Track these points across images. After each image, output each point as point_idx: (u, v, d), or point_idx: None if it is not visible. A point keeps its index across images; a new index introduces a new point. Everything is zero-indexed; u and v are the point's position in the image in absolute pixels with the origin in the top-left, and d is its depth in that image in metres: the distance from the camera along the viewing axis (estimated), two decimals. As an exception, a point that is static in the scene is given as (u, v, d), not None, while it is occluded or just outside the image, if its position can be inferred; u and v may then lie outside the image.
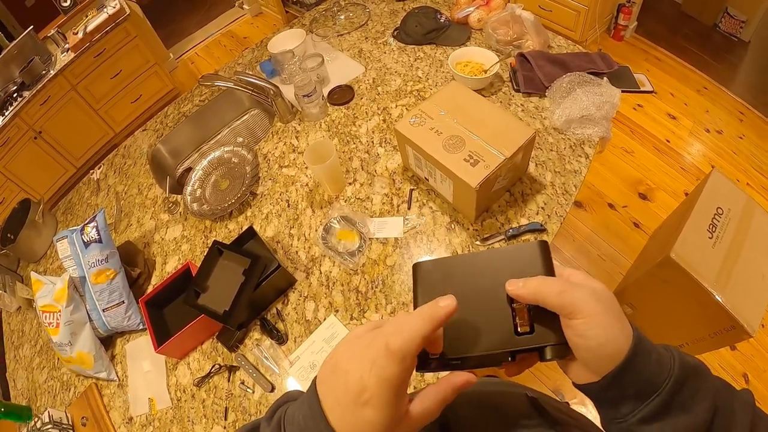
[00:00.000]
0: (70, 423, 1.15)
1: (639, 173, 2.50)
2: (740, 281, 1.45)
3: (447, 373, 0.39)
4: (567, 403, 0.46)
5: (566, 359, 0.39)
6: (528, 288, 0.38)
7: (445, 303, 0.36)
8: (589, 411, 1.67)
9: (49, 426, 1.10)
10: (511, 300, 0.40)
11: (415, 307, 0.41)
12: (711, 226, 1.55)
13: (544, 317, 0.38)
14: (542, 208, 1.11)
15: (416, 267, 0.44)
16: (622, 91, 1.37)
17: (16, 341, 1.42)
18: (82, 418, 1.14)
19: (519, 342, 0.39)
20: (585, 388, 0.39)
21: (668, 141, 2.62)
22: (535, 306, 0.38)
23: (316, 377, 0.38)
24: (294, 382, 1.00)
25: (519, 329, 0.39)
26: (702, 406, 0.35)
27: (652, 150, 2.60)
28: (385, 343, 0.34)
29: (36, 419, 1.13)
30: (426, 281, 0.43)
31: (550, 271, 0.40)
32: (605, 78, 1.32)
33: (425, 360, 0.39)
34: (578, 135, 1.26)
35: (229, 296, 1.02)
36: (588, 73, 1.33)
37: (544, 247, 0.41)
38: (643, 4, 3.06)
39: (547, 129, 1.27)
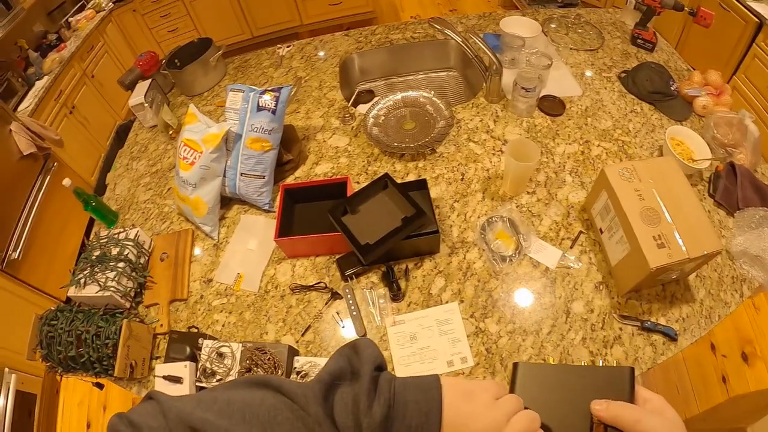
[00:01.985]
0: (150, 251, 1.17)
1: (753, 333, 2.35)
2: None
3: None
4: None
5: None
6: (609, 412, 0.42)
7: None
8: None
9: (130, 244, 1.12)
10: (591, 416, 0.44)
11: None
12: None
13: None
14: (684, 318, 1.07)
15: (516, 366, 0.50)
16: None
17: (137, 153, 1.47)
18: (163, 253, 1.16)
19: None
20: None
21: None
22: (612, 426, 0.42)
23: (439, 379, 0.44)
24: (386, 342, 1.00)
25: None
26: None
27: None
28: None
29: (121, 230, 1.15)
30: (523, 381, 0.49)
31: (630, 395, 0.45)
32: None
33: None
34: (744, 271, 1.18)
35: (377, 232, 1.01)
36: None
37: (631, 374, 0.46)
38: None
39: (722, 249, 1.21)
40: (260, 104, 1.18)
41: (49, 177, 2.23)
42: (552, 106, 1.38)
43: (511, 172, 1.13)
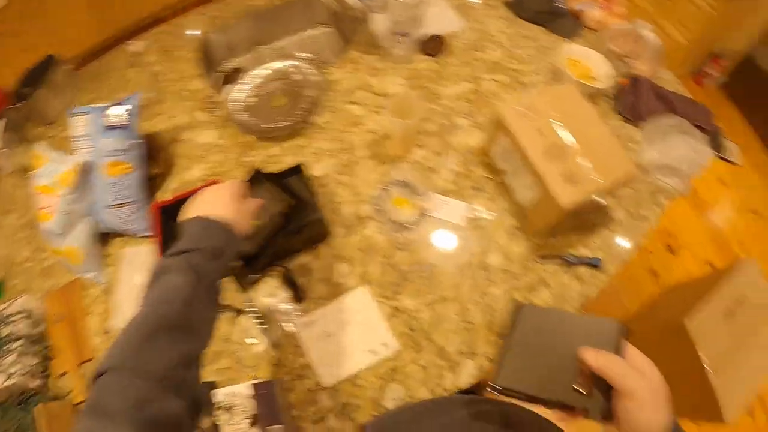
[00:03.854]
0: (44, 316, 1.02)
1: (673, 226, 2.45)
2: (736, 371, 1.51)
3: None
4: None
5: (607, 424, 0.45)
6: (599, 361, 0.44)
7: None
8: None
9: (19, 316, 0.98)
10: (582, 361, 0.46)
11: (504, 342, 0.52)
12: (729, 311, 1.59)
13: (602, 385, 0.44)
14: (607, 245, 1.02)
15: (521, 306, 0.54)
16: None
17: (5, 207, 1.26)
18: (57, 314, 1.01)
19: (573, 399, 0.45)
20: None
21: (712, 207, 2.54)
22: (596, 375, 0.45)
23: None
24: (302, 347, 0.88)
25: (577, 387, 0.45)
26: None
27: (692, 208, 2.53)
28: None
29: (6, 304, 1.00)
30: (524, 325, 0.52)
31: (620, 349, 0.46)
32: (703, 135, 1.22)
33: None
34: (659, 182, 1.17)
35: (258, 236, 0.89)
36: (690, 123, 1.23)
37: (624, 330, 0.48)
38: (741, 65, 2.92)
39: (631, 163, 1.16)
40: (108, 123, 1.02)
41: None
42: (433, 45, 1.25)
43: (395, 129, 1.00)
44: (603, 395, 0.44)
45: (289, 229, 0.90)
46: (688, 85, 3.05)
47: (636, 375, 0.43)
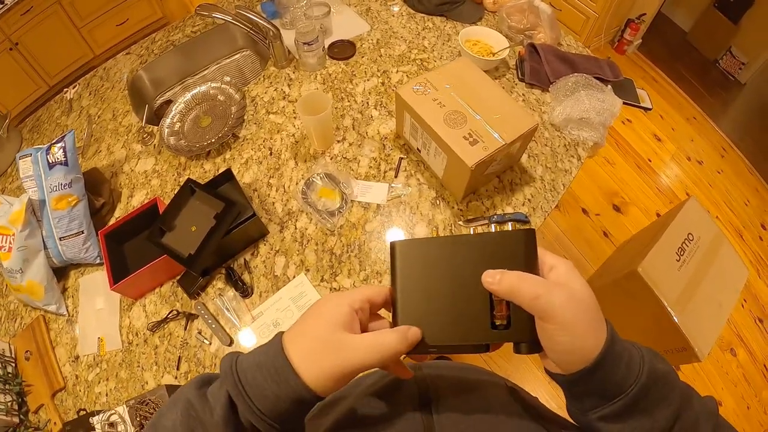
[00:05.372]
0: (13, 356, 1.08)
1: (616, 185, 2.55)
2: (698, 307, 1.51)
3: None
4: (536, 398, 0.49)
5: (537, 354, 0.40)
6: (503, 285, 0.37)
7: (413, 333, 0.39)
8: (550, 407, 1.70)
9: None
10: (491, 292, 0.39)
11: (392, 289, 0.43)
12: (680, 250, 1.60)
13: (521, 312, 0.37)
14: (529, 200, 1.10)
15: (395, 246, 0.43)
16: (623, 103, 1.37)
17: None
18: (26, 352, 1.07)
19: (494, 336, 0.39)
20: (554, 377, 0.39)
21: (650, 160, 2.68)
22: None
23: (282, 337, 0.40)
24: (253, 338, 0.96)
25: (496, 322, 0.39)
26: (664, 413, 0.35)
27: (632, 166, 2.65)
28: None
29: None
30: (405, 263, 0.42)
31: (532, 263, 0.39)
32: (609, 86, 1.32)
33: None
34: (574, 136, 1.25)
35: (197, 239, 0.96)
36: (594, 77, 1.32)
37: (530, 237, 0.39)
38: (651, 25, 3.08)
39: (544, 124, 1.26)
40: (50, 161, 1.09)
41: None
42: (342, 49, 1.36)
43: (311, 127, 1.10)
44: (525, 324, 0.37)
45: (226, 229, 0.97)
46: (610, 53, 3.21)
47: (553, 291, 0.35)
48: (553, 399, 1.75)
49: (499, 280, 0.37)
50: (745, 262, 1.68)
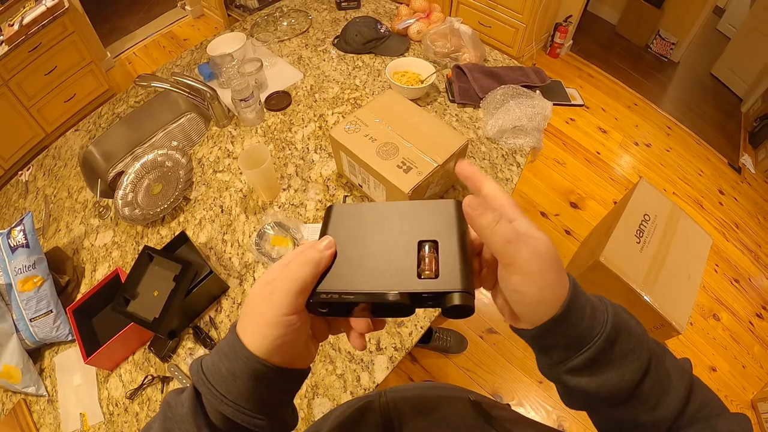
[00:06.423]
0: None
1: (570, 183, 2.63)
2: (667, 282, 1.55)
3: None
4: (508, 404, 0.49)
5: (503, 303, 0.39)
6: (486, 217, 0.36)
7: (325, 245, 0.38)
8: (527, 412, 1.74)
9: None
10: (419, 248, 0.38)
11: None
12: (638, 232, 1.66)
13: (451, 265, 0.37)
14: None
15: (330, 208, 0.44)
16: (554, 104, 1.45)
17: None
18: None
19: (420, 284, 0.36)
20: (518, 332, 0.39)
21: (599, 153, 2.78)
22: (443, 256, 0.37)
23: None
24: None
25: (422, 275, 0.37)
26: (633, 365, 0.36)
27: (583, 161, 2.74)
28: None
29: None
30: (337, 221, 0.43)
31: (464, 230, 0.39)
32: (538, 91, 1.39)
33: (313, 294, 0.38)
34: (510, 145, 1.32)
35: (159, 303, 1.00)
36: (521, 86, 1.39)
37: (458, 207, 0.40)
38: (579, 24, 3.24)
39: (480, 138, 1.33)
40: (11, 244, 1.12)
41: None
42: (278, 100, 1.43)
43: (255, 180, 1.16)
44: (456, 275, 0.36)
45: (186, 290, 1.02)
46: (545, 59, 3.35)
47: (522, 239, 0.35)
48: (546, 401, 1.77)
49: (480, 213, 0.36)
50: (709, 229, 1.73)
